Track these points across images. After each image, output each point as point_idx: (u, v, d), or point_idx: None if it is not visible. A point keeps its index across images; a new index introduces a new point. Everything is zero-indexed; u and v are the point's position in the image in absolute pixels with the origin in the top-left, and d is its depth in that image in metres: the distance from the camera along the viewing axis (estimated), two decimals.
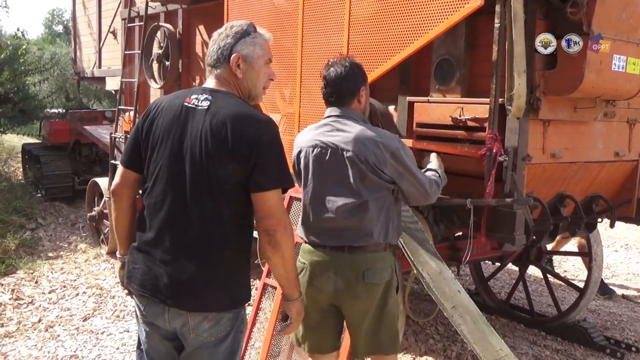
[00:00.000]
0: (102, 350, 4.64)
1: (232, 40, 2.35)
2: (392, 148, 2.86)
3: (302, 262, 3.00)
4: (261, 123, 2.23)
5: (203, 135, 2.21)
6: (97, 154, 10.79)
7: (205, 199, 2.22)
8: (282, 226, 2.24)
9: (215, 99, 2.29)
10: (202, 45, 6.33)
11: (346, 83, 2.96)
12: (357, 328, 3.01)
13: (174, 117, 2.31)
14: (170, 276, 2.25)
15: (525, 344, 5.02)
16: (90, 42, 9.72)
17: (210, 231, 2.24)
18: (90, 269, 6.69)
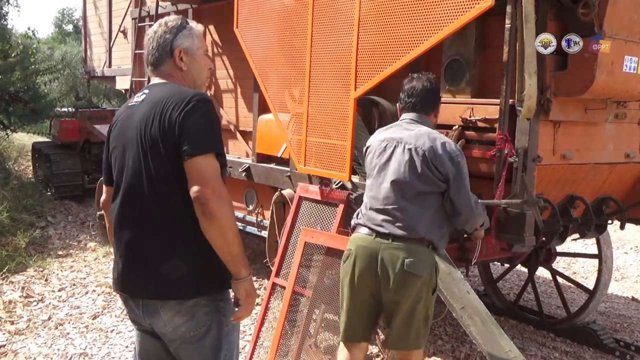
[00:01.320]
0: (111, 348, 4.66)
1: (170, 35, 2.38)
2: (452, 152, 3.10)
3: (348, 249, 3.19)
4: (187, 96, 2.22)
5: (138, 125, 2.25)
6: None
7: (148, 184, 2.22)
8: (216, 194, 2.13)
9: (151, 90, 2.35)
10: (212, 45, 6.35)
11: (432, 96, 3.31)
12: (391, 319, 3.14)
13: (121, 122, 2.37)
14: (129, 270, 2.28)
15: (534, 345, 5.00)
16: (100, 42, 9.76)
17: (157, 215, 2.23)
18: (99, 267, 6.71)
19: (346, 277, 3.18)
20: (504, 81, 3.57)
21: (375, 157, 3.23)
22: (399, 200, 3.08)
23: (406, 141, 3.13)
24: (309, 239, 4.12)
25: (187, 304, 2.24)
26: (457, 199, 3.09)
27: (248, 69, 5.29)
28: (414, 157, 3.08)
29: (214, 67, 6.36)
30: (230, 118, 6.12)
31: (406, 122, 3.27)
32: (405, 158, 3.10)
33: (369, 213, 3.18)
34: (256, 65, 5.12)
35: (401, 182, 3.09)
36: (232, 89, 6.10)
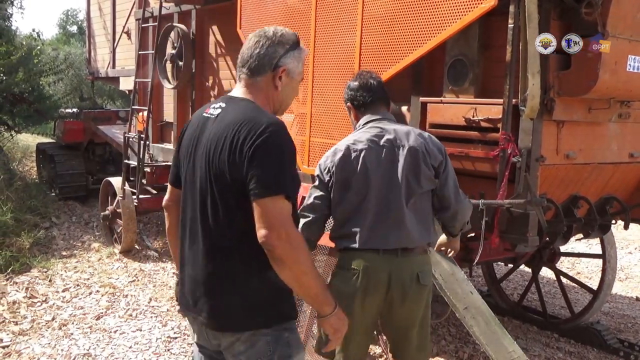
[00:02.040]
0: (115, 348, 4.67)
1: (282, 50, 2.20)
2: (439, 144, 2.99)
3: (351, 269, 2.88)
4: (261, 125, 2.04)
5: (208, 145, 2.13)
6: (110, 153, 10.84)
7: (215, 210, 2.11)
8: (283, 239, 1.98)
9: (227, 106, 2.20)
10: (215, 46, 6.36)
11: (384, 89, 3.12)
12: (407, 333, 2.98)
13: (194, 129, 2.25)
14: (194, 292, 2.19)
15: (538, 345, 4.99)
16: (104, 43, 9.78)
17: (224, 244, 2.12)
18: (103, 268, 6.72)
19: (350, 301, 2.84)
20: (507, 81, 3.56)
21: (369, 164, 2.90)
22: (404, 210, 2.86)
23: (398, 143, 2.92)
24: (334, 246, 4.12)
25: (245, 333, 2.13)
26: (447, 191, 2.93)
27: None
28: (413, 158, 2.88)
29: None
30: None
31: (377, 124, 3.01)
32: (406, 162, 2.88)
33: (365, 229, 2.87)
34: None
35: (406, 190, 2.87)
36: None
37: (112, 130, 10.08)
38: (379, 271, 2.85)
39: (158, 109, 7.43)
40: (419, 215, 2.91)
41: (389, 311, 2.93)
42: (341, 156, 2.94)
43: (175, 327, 5.08)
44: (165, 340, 4.81)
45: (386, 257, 2.86)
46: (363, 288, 2.86)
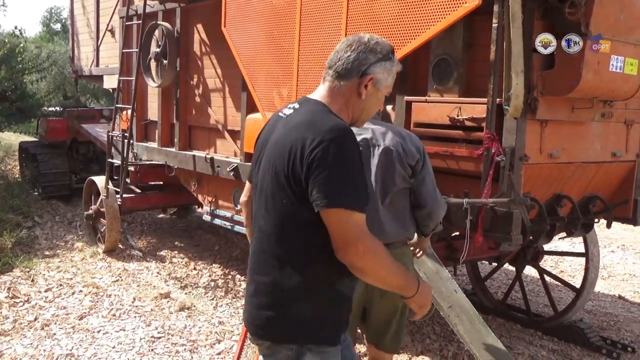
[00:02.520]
0: (98, 349, 4.63)
1: (373, 58, 2.11)
2: (418, 143, 3.04)
3: None
4: (323, 131, 1.95)
5: (273, 145, 2.08)
6: (94, 152, 10.77)
7: (273, 214, 2.06)
8: (360, 253, 1.92)
9: (300, 107, 2.13)
10: (200, 44, 6.33)
11: None
12: (385, 326, 3.13)
13: (268, 128, 2.22)
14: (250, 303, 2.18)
15: (521, 344, 5.02)
16: (88, 41, 9.71)
17: (277, 254, 2.07)
18: (86, 268, 6.67)
19: None
20: (492, 80, 3.58)
21: None
22: (377, 206, 2.95)
23: (373, 143, 2.99)
24: None
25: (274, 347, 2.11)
26: (424, 189, 2.99)
27: (236, 68, 5.28)
28: (388, 157, 2.94)
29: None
30: (219, 117, 6.10)
31: None
32: (379, 161, 2.95)
33: None
34: (244, 65, 5.12)
35: (380, 188, 2.96)
36: (220, 88, 6.09)
37: (96, 129, 10.01)
38: None
39: (142, 108, 7.38)
40: (395, 213, 2.99)
41: (370, 304, 3.07)
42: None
43: (159, 327, 5.05)
44: (149, 340, 4.78)
45: None
46: None
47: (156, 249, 7.58)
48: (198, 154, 6.28)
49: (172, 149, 6.75)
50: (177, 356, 4.54)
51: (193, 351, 4.63)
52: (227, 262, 7.06)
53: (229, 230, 6.53)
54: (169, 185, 7.83)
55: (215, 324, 5.16)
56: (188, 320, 5.25)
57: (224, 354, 4.60)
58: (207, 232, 8.46)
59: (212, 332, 4.98)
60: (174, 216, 9.46)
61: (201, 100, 6.36)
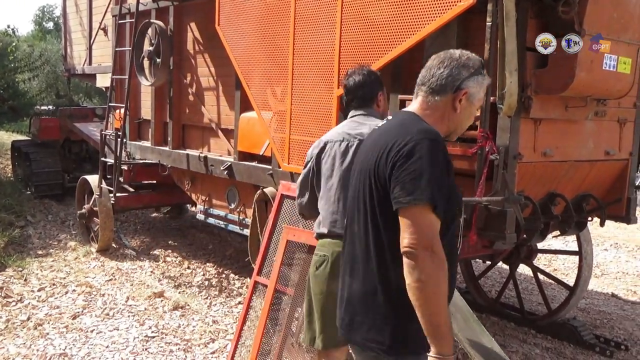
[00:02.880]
0: (91, 348, 4.61)
1: (466, 73, 2.14)
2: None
3: (322, 255, 3.07)
4: (411, 133, 2.00)
5: (366, 153, 2.15)
6: (87, 151, 10.74)
7: (363, 221, 2.11)
8: (428, 251, 1.89)
9: (393, 117, 2.20)
10: (193, 43, 6.31)
11: (364, 90, 3.19)
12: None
13: (365, 141, 2.28)
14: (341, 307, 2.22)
15: (515, 342, 5.03)
16: (80, 39, 9.67)
17: (362, 255, 2.12)
18: (79, 267, 6.65)
19: (323, 284, 3.05)
20: None
21: (338, 155, 3.10)
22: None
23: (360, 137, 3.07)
24: (291, 237, 4.11)
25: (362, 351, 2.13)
26: None
27: (230, 66, 5.27)
28: None
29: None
30: (212, 116, 6.09)
31: (357, 118, 3.19)
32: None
33: (335, 218, 3.07)
34: (238, 63, 5.11)
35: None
36: (214, 86, 6.07)
37: (89, 128, 9.98)
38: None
39: (135, 107, 7.36)
40: None
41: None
42: (319, 150, 3.18)
43: (153, 326, 5.04)
44: (143, 340, 4.77)
45: None
46: (331, 272, 2.98)
47: (150, 248, 7.56)
48: (192, 153, 6.26)
49: (165, 147, 6.73)
50: (170, 355, 4.53)
51: (187, 350, 4.62)
52: (220, 261, 7.05)
53: (223, 229, 6.52)
54: (162, 184, 7.81)
55: (209, 323, 5.15)
56: (182, 319, 5.24)
57: (217, 353, 4.59)
58: (200, 231, 8.44)
59: (206, 331, 4.97)
60: (167, 215, 9.44)
61: (195, 99, 6.34)
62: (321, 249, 3.12)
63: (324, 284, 3.04)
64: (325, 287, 3.03)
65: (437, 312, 1.90)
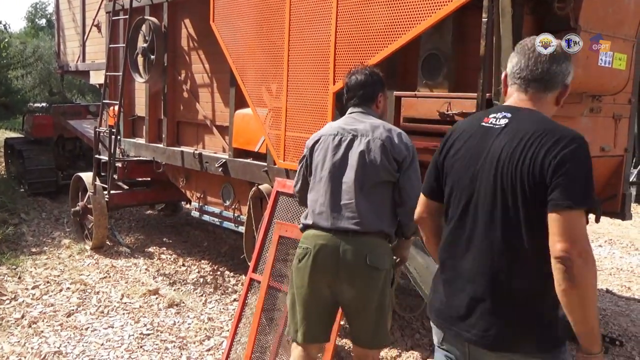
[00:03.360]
0: (86, 346, 4.60)
1: (570, 68, 2.17)
2: (408, 141, 3.14)
3: (304, 247, 3.08)
4: (567, 137, 1.97)
5: (498, 157, 2.05)
6: (81, 148, 10.71)
7: (505, 225, 2.04)
8: (583, 257, 1.87)
9: (516, 115, 2.11)
10: (187, 39, 6.29)
11: (365, 89, 3.23)
12: (359, 316, 3.07)
13: (472, 139, 2.16)
14: (469, 308, 2.12)
15: None
16: (74, 36, 9.63)
17: (511, 260, 2.04)
18: (74, 265, 6.63)
19: (304, 276, 3.06)
20: (481, 75, 3.57)
21: (330, 148, 3.14)
22: (357, 194, 3.03)
23: (362, 133, 3.11)
24: (283, 233, 4.10)
25: (517, 355, 2.08)
26: (407, 185, 3.06)
27: (224, 63, 5.25)
28: (372, 147, 3.06)
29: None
30: (207, 113, 6.07)
31: (355, 115, 3.23)
32: (363, 149, 3.06)
33: (322, 210, 3.09)
34: (233, 60, 5.09)
35: (359, 175, 3.05)
36: (209, 83, 6.05)
37: (83, 125, 9.96)
38: (328, 249, 3.01)
39: (129, 104, 7.33)
40: (373, 203, 3.05)
41: (341, 292, 3.04)
42: (313, 142, 3.23)
43: (148, 323, 5.02)
44: (138, 337, 4.76)
45: (337, 236, 3.02)
46: (313, 265, 3.02)
47: (144, 245, 7.54)
48: (186, 150, 6.25)
49: (159, 144, 6.71)
50: (166, 353, 4.52)
51: (182, 348, 4.61)
52: (215, 258, 7.04)
53: (218, 226, 6.51)
54: (156, 182, 7.79)
55: (204, 321, 5.14)
56: (177, 316, 5.22)
57: (213, 350, 4.59)
58: (195, 228, 8.43)
59: (201, 328, 4.96)
60: (162, 213, 9.42)
61: (189, 96, 6.32)
62: (304, 241, 3.12)
63: (305, 277, 3.05)
64: (307, 280, 3.05)
65: (591, 315, 1.94)
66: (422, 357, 4.56)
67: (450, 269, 2.21)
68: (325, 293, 3.07)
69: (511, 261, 2.03)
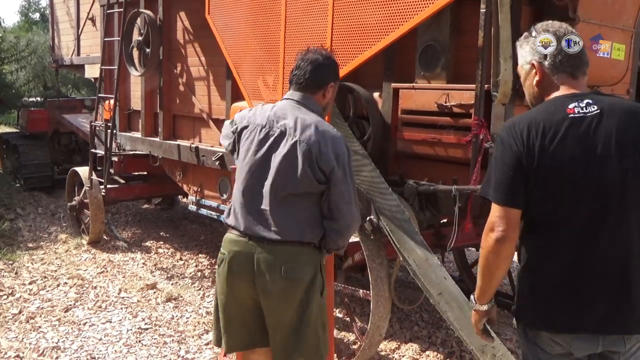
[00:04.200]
0: (84, 341, 4.58)
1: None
2: (339, 150, 2.74)
3: (222, 253, 2.85)
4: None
5: (611, 142, 2.02)
6: (76, 142, 10.67)
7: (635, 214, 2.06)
8: None
9: (601, 99, 2.10)
10: (183, 32, 6.25)
11: (317, 72, 2.86)
12: (275, 329, 2.81)
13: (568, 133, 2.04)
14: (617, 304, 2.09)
15: (509, 329, 5.04)
16: (68, 29, 9.58)
17: None
18: (71, 259, 6.61)
19: (223, 283, 2.83)
20: (480, 66, 3.56)
21: (255, 142, 2.79)
22: (272, 202, 2.73)
23: (290, 131, 2.74)
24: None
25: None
26: (341, 203, 2.74)
27: (220, 56, 5.21)
28: (297, 152, 2.70)
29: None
30: (203, 106, 6.04)
31: (290, 105, 2.84)
32: (286, 152, 2.71)
33: (240, 212, 2.81)
34: (229, 52, 5.05)
35: (276, 181, 2.72)
36: (205, 76, 6.02)
37: (78, 119, 9.92)
38: (242, 256, 2.76)
39: (125, 97, 7.29)
40: (291, 212, 2.74)
41: (261, 301, 2.79)
42: (243, 127, 2.88)
43: (146, 318, 5.01)
44: (136, 332, 4.75)
45: (253, 242, 2.75)
46: (229, 272, 2.80)
47: (141, 239, 7.52)
48: (183, 144, 6.22)
49: (156, 138, 6.68)
50: (164, 347, 4.51)
51: (181, 342, 4.60)
52: (213, 252, 7.02)
53: (215, 220, 6.49)
54: (153, 176, 7.77)
55: (202, 315, 5.13)
56: (175, 311, 5.21)
57: (212, 344, 4.57)
58: (192, 222, 8.41)
59: (199, 322, 4.95)
60: (158, 207, 9.39)
61: (185, 89, 6.29)
62: (223, 245, 2.88)
63: (224, 284, 2.83)
64: (226, 287, 2.82)
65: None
66: (420, 349, 4.56)
67: (575, 271, 2.09)
68: (246, 301, 2.82)
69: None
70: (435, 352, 4.54)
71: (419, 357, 4.47)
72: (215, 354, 4.39)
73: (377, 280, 3.88)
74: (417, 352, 4.53)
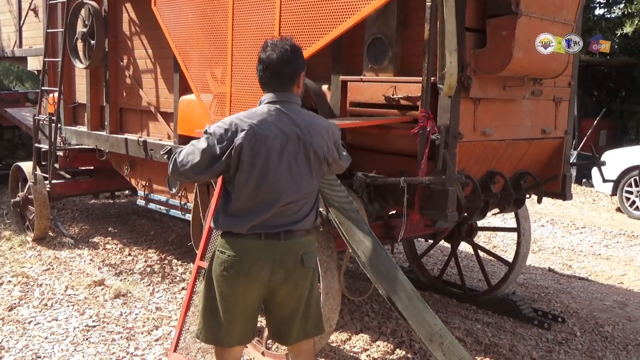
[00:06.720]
0: (29, 340, 4.47)
1: None
2: (336, 137, 2.97)
3: (230, 255, 2.81)
4: None
5: None
6: (20, 137, 10.41)
7: None
8: None
9: None
10: (129, 24, 6.13)
11: (287, 67, 2.81)
12: (291, 315, 2.93)
13: None
14: None
15: (457, 318, 5.13)
16: (9, 20, 9.28)
17: None
18: (15, 257, 6.43)
19: (230, 286, 2.82)
20: (426, 59, 3.61)
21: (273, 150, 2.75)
22: (291, 202, 2.80)
23: (302, 138, 2.78)
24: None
25: None
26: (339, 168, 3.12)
27: (167, 48, 5.14)
28: (314, 155, 2.82)
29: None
30: (151, 99, 5.94)
31: (282, 108, 2.80)
32: (305, 156, 2.80)
33: (254, 214, 2.79)
34: (176, 45, 4.99)
35: (300, 185, 2.81)
36: (152, 69, 5.92)
37: (21, 113, 9.66)
38: (260, 257, 2.79)
39: (70, 90, 7.13)
40: (310, 202, 2.92)
41: (273, 296, 2.87)
42: (245, 136, 2.71)
43: (94, 315, 4.92)
44: (83, 330, 4.65)
45: (268, 242, 2.80)
46: (246, 274, 2.80)
47: (89, 235, 7.38)
48: (130, 137, 6.11)
49: (102, 132, 6.55)
50: (113, 344, 4.43)
51: (130, 338, 4.53)
52: (163, 247, 6.94)
53: (165, 215, 6.41)
54: (100, 170, 7.61)
55: (152, 310, 5.06)
56: (124, 307, 5.13)
57: (162, 340, 4.53)
58: (141, 217, 8.28)
59: (149, 318, 4.89)
60: (108, 201, 9.22)
61: (132, 82, 6.18)
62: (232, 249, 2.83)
63: (232, 286, 2.83)
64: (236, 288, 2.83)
65: None
66: (371, 340, 4.60)
67: None
68: (254, 299, 2.88)
69: None
70: (385, 342, 4.58)
71: (370, 348, 4.51)
72: (165, 350, 4.34)
73: (327, 272, 3.90)
74: (367, 343, 4.57)
